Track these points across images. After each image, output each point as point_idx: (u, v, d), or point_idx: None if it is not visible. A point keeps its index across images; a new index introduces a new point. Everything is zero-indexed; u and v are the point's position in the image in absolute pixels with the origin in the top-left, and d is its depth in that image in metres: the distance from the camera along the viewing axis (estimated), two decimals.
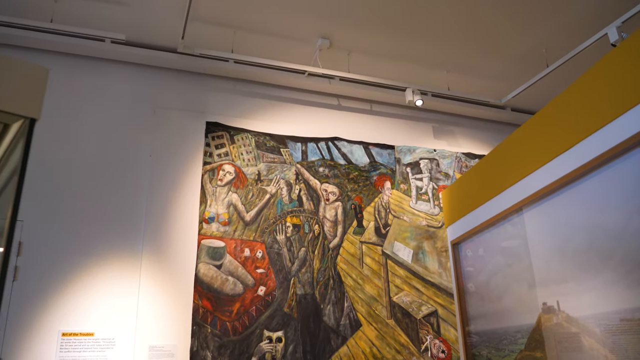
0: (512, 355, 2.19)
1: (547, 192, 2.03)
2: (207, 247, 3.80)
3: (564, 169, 1.96)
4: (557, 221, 1.99)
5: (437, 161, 4.63)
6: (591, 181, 1.85)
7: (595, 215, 1.81)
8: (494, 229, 2.38)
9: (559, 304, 1.94)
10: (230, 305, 3.70)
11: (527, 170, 2.18)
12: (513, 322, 2.20)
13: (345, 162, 4.36)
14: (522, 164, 2.22)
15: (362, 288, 4.03)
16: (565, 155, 1.97)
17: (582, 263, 1.85)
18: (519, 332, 2.16)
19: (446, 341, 4.07)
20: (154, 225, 3.75)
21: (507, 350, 2.23)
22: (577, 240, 1.88)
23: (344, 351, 3.81)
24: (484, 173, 2.55)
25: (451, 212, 2.79)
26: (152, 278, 3.63)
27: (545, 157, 2.08)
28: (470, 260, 2.56)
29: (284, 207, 4.07)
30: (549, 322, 1.99)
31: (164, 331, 3.54)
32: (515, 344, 2.17)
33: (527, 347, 2.10)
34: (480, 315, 2.44)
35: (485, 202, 2.46)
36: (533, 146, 2.17)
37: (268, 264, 3.88)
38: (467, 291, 2.55)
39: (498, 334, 2.30)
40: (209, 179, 3.97)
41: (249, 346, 3.63)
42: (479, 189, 2.55)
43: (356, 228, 4.19)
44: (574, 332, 1.86)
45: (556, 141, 2.03)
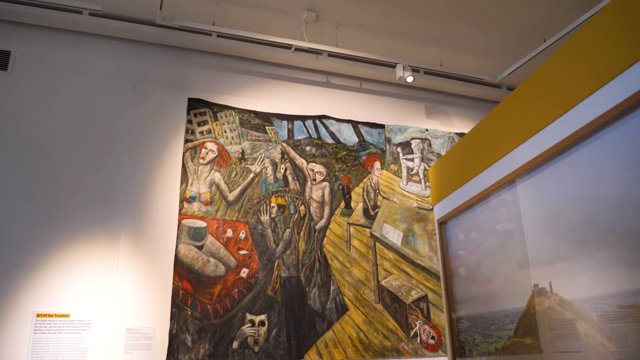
0: (500, 342, 1.97)
1: (538, 163, 1.80)
2: (188, 227, 3.58)
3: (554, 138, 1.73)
4: (550, 195, 1.76)
5: (429, 141, 4.38)
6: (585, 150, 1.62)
7: (592, 187, 1.58)
8: (482, 205, 2.15)
9: (551, 285, 1.72)
10: (211, 287, 3.49)
11: (516, 142, 1.94)
12: (501, 306, 1.98)
13: (333, 141, 4.13)
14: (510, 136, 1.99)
15: (350, 271, 3.82)
16: (556, 123, 1.74)
17: (577, 240, 1.62)
18: (507, 316, 1.94)
19: (436, 327, 3.87)
20: (133, 204, 3.53)
21: (495, 336, 2.01)
22: (571, 215, 1.65)
23: (329, 336, 3.61)
24: (470, 148, 2.31)
25: (438, 189, 2.56)
26: (130, 258, 3.42)
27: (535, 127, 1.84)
28: (458, 240, 2.33)
29: (269, 186, 3.84)
30: (540, 306, 1.77)
31: (142, 313, 3.34)
32: (503, 330, 1.96)
33: (516, 333, 1.88)
34: (468, 298, 2.22)
35: (473, 178, 2.23)
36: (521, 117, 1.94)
37: (251, 246, 3.66)
38: (455, 273, 2.33)
39: (486, 319, 2.08)
40: (190, 157, 3.75)
41: (231, 330, 3.43)
42: (466, 164, 2.31)
43: (344, 209, 3.97)
44: (568, 317, 1.64)
45: (545, 110, 1.80)
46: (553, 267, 1.73)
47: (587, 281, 1.59)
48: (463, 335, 2.25)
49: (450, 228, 2.42)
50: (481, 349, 2.11)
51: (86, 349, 3.25)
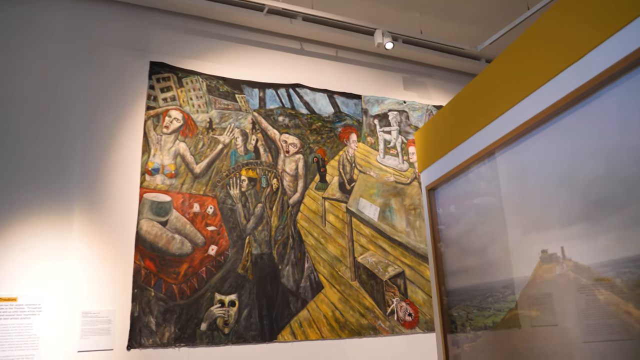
0: (500, 314, 1.76)
1: (547, 116, 1.58)
2: (151, 201, 3.23)
3: (568, 86, 1.51)
4: (562, 149, 1.54)
5: (406, 114, 4.16)
6: (606, 96, 1.40)
7: (614, 135, 1.37)
8: (479, 167, 1.93)
9: (563, 250, 1.52)
10: (176, 266, 3.17)
11: (520, 95, 1.72)
12: (501, 275, 1.77)
13: (308, 112, 3.84)
14: (512, 88, 1.76)
15: (325, 248, 3.57)
16: (569, 70, 1.52)
17: (597, 197, 1.41)
18: (508, 287, 1.73)
19: (413, 304, 3.68)
20: (88, 177, 3.15)
21: (493, 309, 1.80)
22: (590, 169, 1.44)
23: (304, 315, 3.37)
24: (463, 107, 2.08)
25: (425, 154, 2.32)
26: (85, 236, 3.05)
27: (544, 76, 1.62)
28: (450, 207, 2.11)
29: (239, 158, 3.53)
30: (549, 273, 1.56)
31: (100, 295, 3.00)
32: (503, 302, 1.75)
33: (519, 305, 1.67)
34: (461, 270, 2.00)
35: (468, 138, 2.00)
36: (527, 65, 1.71)
37: (220, 221, 3.35)
38: (445, 243, 2.11)
39: (481, 290, 1.87)
40: (152, 126, 3.38)
41: (198, 311, 3.13)
42: (459, 125, 2.08)
43: (318, 183, 3.70)
44: (584, 284, 1.44)
45: (557, 56, 1.57)
46: (566, 230, 1.52)
47: (608, 243, 1.38)
48: (455, 310, 2.04)
49: (440, 195, 2.19)
50: (476, 324, 1.90)
51: (36, 335, 2.89)
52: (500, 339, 1.75)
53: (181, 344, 3.04)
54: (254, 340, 3.19)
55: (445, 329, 2.07)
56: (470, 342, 1.93)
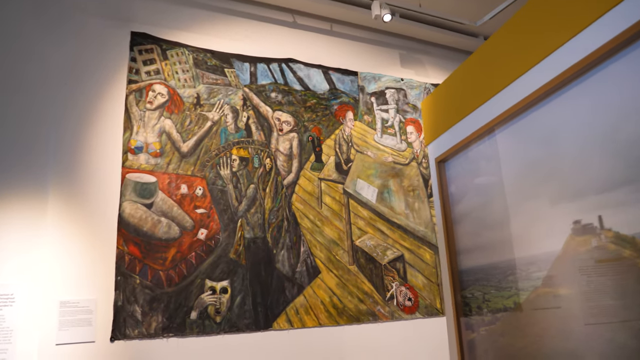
0: (523, 294, 1.57)
1: (581, 69, 1.38)
2: (134, 182, 2.99)
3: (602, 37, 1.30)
4: (599, 105, 1.34)
5: (404, 92, 3.94)
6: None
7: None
8: (497, 134, 1.72)
9: (601, 220, 1.33)
10: (163, 251, 2.94)
11: (548, 49, 1.51)
12: (524, 251, 1.58)
13: (302, 88, 3.60)
14: (538, 43, 1.55)
15: (321, 231, 3.36)
16: (600, 20, 1.32)
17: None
18: (533, 263, 1.53)
19: (413, 288, 3.50)
20: (65, 156, 2.89)
21: (515, 288, 1.61)
22: (634, 126, 1.24)
23: (300, 302, 3.16)
24: (478, 69, 1.87)
25: (434, 124, 2.11)
26: (63, 220, 2.80)
27: (573, 29, 1.41)
28: (463, 180, 1.90)
29: (229, 137, 3.29)
30: (583, 246, 1.37)
31: (80, 284, 2.75)
32: (527, 280, 1.55)
33: (545, 283, 1.48)
34: (475, 247, 1.81)
35: (483, 104, 1.79)
36: (555, 15, 1.50)
37: (210, 203, 3.12)
38: (457, 218, 1.91)
39: (500, 269, 1.67)
40: (135, 101, 3.12)
41: (188, 299, 2.91)
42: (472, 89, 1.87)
43: (314, 163, 3.48)
44: (626, 256, 1.25)
45: (582, 10, 1.37)
46: (603, 197, 1.33)
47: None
48: (469, 291, 1.85)
49: (451, 167, 1.98)
50: (494, 305, 1.71)
51: (10, 328, 2.64)
52: (524, 321, 1.56)
53: (170, 334, 2.82)
54: (247, 328, 2.99)
55: (458, 312, 1.87)
56: (487, 325, 1.74)
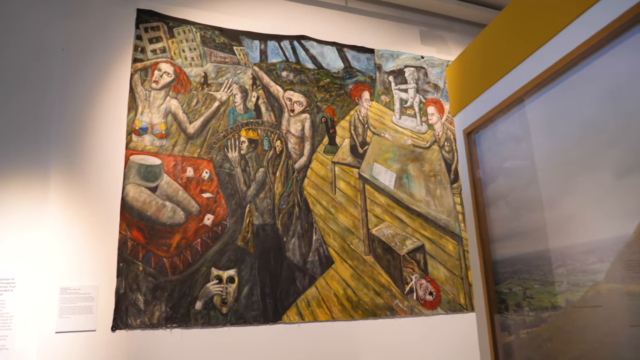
0: (578, 290, 1.25)
1: None
2: (138, 164, 2.74)
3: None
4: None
5: (424, 70, 3.60)
6: None
7: None
8: (544, 94, 1.40)
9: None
10: (168, 237, 2.69)
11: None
12: (580, 237, 1.26)
13: (315, 67, 3.30)
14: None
15: (335, 218, 3.07)
16: None
17: None
18: (592, 252, 1.21)
19: (434, 281, 3.18)
20: (67, 136, 2.66)
21: (566, 283, 1.29)
22: None
23: (312, 293, 2.88)
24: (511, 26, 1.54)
25: (460, 92, 1.79)
26: (64, 203, 2.57)
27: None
28: (498, 153, 1.58)
29: (238, 117, 3.01)
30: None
31: (81, 269, 2.53)
32: (584, 273, 1.23)
33: (609, 277, 1.16)
34: (513, 233, 1.49)
35: (520, 63, 1.47)
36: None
37: (217, 187, 2.86)
38: (490, 200, 1.59)
39: (547, 259, 1.36)
40: (140, 80, 2.87)
41: (193, 288, 2.66)
42: (506, 49, 1.55)
43: (327, 146, 3.18)
44: None
45: None
46: None
47: None
48: (505, 286, 1.53)
49: (483, 138, 1.66)
50: (539, 303, 1.39)
51: (9, 314, 2.44)
52: (579, 324, 1.24)
53: (173, 324, 2.58)
54: (255, 321, 2.72)
55: (492, 310, 1.56)
56: (530, 328, 1.42)
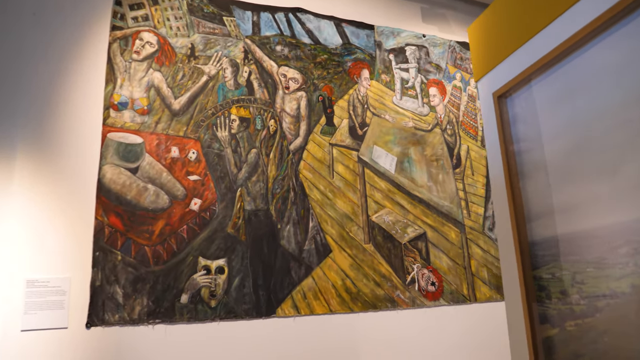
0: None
1: None
2: (117, 143, 2.43)
3: None
4: None
5: (426, 49, 3.35)
6: None
7: None
8: (597, 44, 1.14)
9: None
10: (150, 223, 2.39)
11: None
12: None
13: (311, 42, 3.02)
14: None
15: (333, 203, 2.80)
16: None
17: None
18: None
19: (436, 271, 2.94)
20: (36, 112, 2.34)
21: (634, 264, 1.04)
22: None
23: (308, 284, 2.61)
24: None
25: (488, 52, 1.54)
26: (32, 185, 2.25)
27: None
28: (537, 117, 1.33)
29: (228, 94, 2.72)
30: None
31: (50, 260, 2.21)
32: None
33: None
34: (556, 209, 1.25)
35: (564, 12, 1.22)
36: None
37: (205, 169, 2.56)
38: (526, 172, 1.34)
39: (602, 237, 1.11)
40: (119, 50, 2.55)
41: (178, 279, 2.37)
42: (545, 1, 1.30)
43: (325, 126, 2.91)
44: None
45: None
46: None
47: None
48: (546, 270, 1.29)
49: (517, 102, 1.41)
50: (593, 289, 1.15)
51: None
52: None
53: (156, 320, 2.29)
54: (247, 315, 2.44)
55: (529, 298, 1.31)
56: (580, 318, 1.18)
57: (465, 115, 3.33)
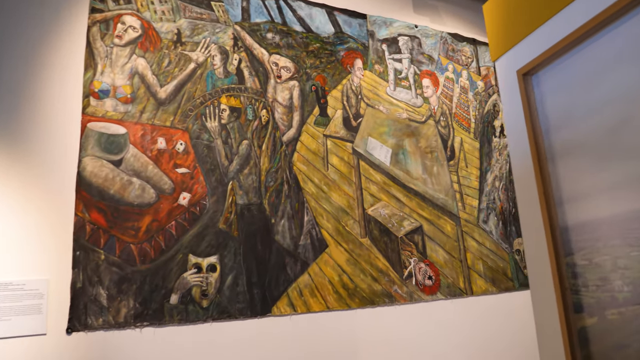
0: None
1: None
2: (98, 133, 2.24)
3: None
4: None
5: (418, 40, 3.26)
6: None
7: None
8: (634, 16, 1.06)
9: None
10: (136, 219, 2.21)
11: None
12: None
13: (303, 29, 2.88)
14: None
15: (328, 197, 2.67)
16: None
17: None
18: None
19: (433, 265, 2.85)
20: (9, 99, 2.12)
21: None
22: None
23: (304, 281, 2.48)
24: None
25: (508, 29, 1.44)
26: (5, 180, 2.04)
27: None
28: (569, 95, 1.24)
29: (217, 82, 2.55)
30: None
31: (26, 260, 2.01)
32: None
33: None
34: (593, 191, 1.15)
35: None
36: None
37: (194, 162, 2.40)
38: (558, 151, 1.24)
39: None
40: (99, 34, 2.36)
41: (167, 279, 2.19)
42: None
43: (318, 117, 2.78)
44: None
45: None
46: None
47: None
48: (581, 256, 1.19)
49: (546, 79, 1.32)
50: (639, 274, 1.06)
51: None
52: None
53: (144, 322, 2.11)
54: (241, 314, 2.29)
55: (563, 286, 1.22)
56: (623, 306, 1.09)
57: (458, 107, 3.26)
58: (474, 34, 3.53)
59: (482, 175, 3.19)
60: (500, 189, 3.23)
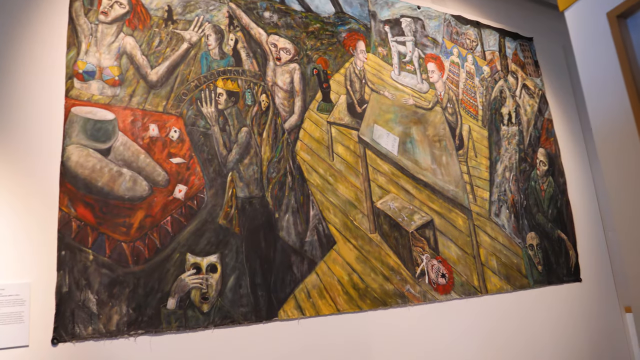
0: None
1: None
2: (84, 119, 2.19)
3: None
4: None
5: (422, 22, 3.35)
6: None
7: None
8: None
9: None
10: (127, 214, 2.17)
11: None
12: None
13: (302, 9, 2.91)
14: None
15: (334, 189, 2.70)
16: None
17: None
18: None
19: (446, 261, 2.92)
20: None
21: None
22: None
23: (312, 281, 2.49)
24: None
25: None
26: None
27: None
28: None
29: (212, 64, 2.55)
30: None
31: (4, 263, 1.94)
32: None
33: None
34: None
35: None
36: None
37: (190, 151, 2.38)
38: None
39: None
40: (83, 10, 2.32)
41: (163, 281, 2.16)
42: None
43: (321, 103, 2.81)
44: None
45: None
46: None
47: None
48: None
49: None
50: None
51: None
52: None
53: (138, 330, 2.07)
54: (245, 319, 2.28)
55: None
56: None
57: (464, 93, 3.36)
58: (477, 16, 3.66)
59: (492, 166, 3.30)
60: (510, 180, 3.34)
